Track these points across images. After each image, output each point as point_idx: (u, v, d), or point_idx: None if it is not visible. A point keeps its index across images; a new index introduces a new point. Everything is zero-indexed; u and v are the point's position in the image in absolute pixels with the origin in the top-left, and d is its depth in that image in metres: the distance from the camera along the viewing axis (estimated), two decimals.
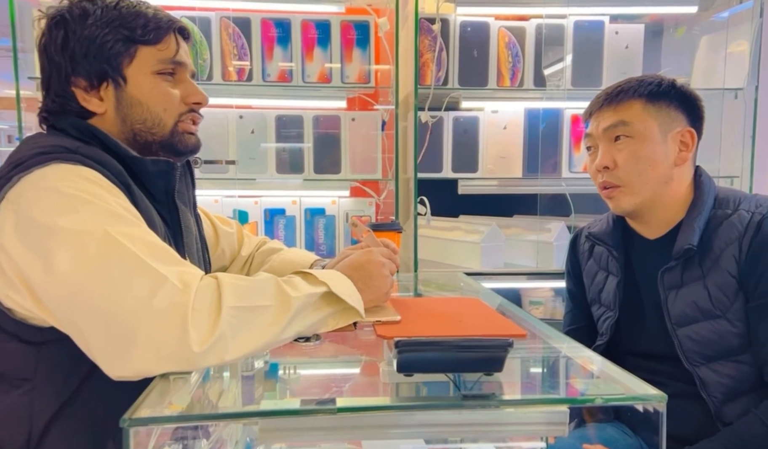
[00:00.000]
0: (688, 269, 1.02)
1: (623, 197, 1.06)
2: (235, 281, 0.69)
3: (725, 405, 0.97)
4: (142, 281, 0.65)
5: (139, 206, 0.79)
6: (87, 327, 0.65)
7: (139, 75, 0.86)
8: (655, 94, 1.04)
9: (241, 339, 0.66)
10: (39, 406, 0.76)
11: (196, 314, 0.64)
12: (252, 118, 1.91)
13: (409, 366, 0.65)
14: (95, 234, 0.68)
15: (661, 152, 1.03)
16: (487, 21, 1.94)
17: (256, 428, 0.61)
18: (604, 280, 1.17)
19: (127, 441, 0.54)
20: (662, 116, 1.04)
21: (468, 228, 1.95)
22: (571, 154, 2.01)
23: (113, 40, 0.84)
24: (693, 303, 1.00)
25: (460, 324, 0.84)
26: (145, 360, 0.63)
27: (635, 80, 1.07)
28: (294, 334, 0.72)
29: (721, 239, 1.00)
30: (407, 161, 1.97)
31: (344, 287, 0.78)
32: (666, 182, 1.05)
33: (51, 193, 0.71)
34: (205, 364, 0.65)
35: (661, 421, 0.59)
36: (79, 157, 0.76)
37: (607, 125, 1.06)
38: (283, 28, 1.87)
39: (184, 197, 0.97)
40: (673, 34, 2.13)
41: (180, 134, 0.91)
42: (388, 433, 0.64)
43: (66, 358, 0.74)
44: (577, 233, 1.29)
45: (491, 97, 2.02)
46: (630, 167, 1.04)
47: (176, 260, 0.71)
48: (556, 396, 0.66)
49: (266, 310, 0.69)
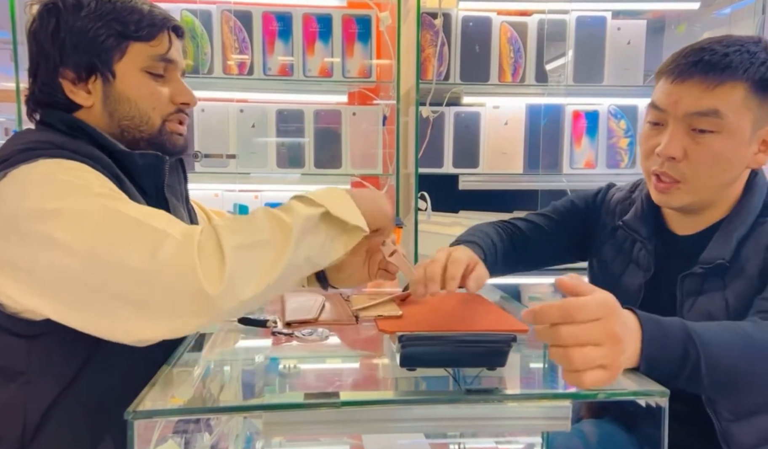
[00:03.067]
0: (711, 277, 0.87)
1: (680, 194, 0.87)
2: (230, 224, 0.69)
3: (734, 425, 0.85)
4: (145, 240, 0.66)
5: (130, 198, 0.78)
6: (102, 296, 0.65)
7: (129, 71, 0.85)
8: (765, 83, 0.81)
9: (253, 275, 0.66)
10: (33, 399, 0.76)
11: (203, 259, 0.64)
12: (253, 112, 1.91)
13: (412, 360, 0.66)
14: (92, 208, 0.68)
15: (743, 153, 0.84)
16: (489, 16, 1.93)
17: (259, 422, 0.61)
18: (622, 269, 1.00)
19: (132, 434, 0.54)
20: (761, 111, 0.82)
21: (468, 224, 1.95)
22: (572, 150, 2.01)
23: (105, 35, 0.83)
24: (708, 314, 0.86)
25: (462, 319, 0.84)
26: (166, 315, 0.64)
27: (746, 50, 0.81)
28: (304, 259, 0.70)
29: (749, 249, 0.85)
30: (408, 156, 1.97)
31: (343, 205, 0.74)
32: (729, 185, 0.87)
33: (41, 182, 0.71)
34: (226, 307, 0.65)
35: (663, 417, 0.60)
36: (67, 152, 0.76)
37: (694, 109, 0.82)
38: (284, 21, 1.86)
39: (176, 191, 0.96)
40: (675, 31, 2.12)
41: (168, 133, 0.90)
42: (391, 427, 0.65)
43: (60, 351, 0.74)
44: (609, 191, 1.10)
45: (493, 93, 2.01)
46: (702, 167, 0.84)
47: (174, 220, 0.71)
48: (558, 391, 0.66)
49: (267, 243, 0.68)
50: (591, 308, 0.57)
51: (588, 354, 0.56)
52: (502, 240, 1.10)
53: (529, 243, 1.12)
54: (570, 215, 1.13)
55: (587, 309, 0.57)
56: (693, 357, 0.65)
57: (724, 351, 0.67)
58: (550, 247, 1.14)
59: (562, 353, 0.57)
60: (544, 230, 1.13)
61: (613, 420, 1.07)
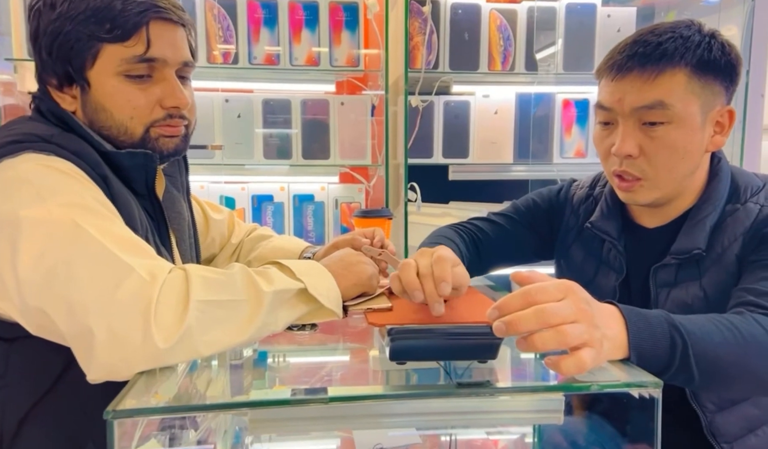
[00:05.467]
0: (685, 267, 0.86)
1: (643, 191, 0.86)
2: (205, 274, 0.66)
3: (719, 416, 0.85)
4: (108, 272, 0.62)
5: (117, 200, 0.75)
6: (59, 323, 0.62)
7: (102, 77, 0.77)
8: (704, 64, 0.80)
9: (211, 335, 0.62)
10: (12, 403, 0.73)
11: (160, 307, 0.61)
12: (238, 102, 1.87)
13: (402, 354, 0.64)
14: (62, 224, 0.64)
15: (698, 139, 0.82)
16: (479, 3, 1.91)
17: (246, 418, 0.59)
18: (594, 271, 0.99)
19: (111, 435, 0.52)
20: (706, 94, 0.81)
21: (458, 215, 1.94)
22: (563, 139, 2.00)
23: (75, 38, 0.75)
24: (684, 305, 0.85)
25: (453, 311, 0.83)
26: (110, 356, 0.60)
27: (679, 36, 0.80)
28: (271, 326, 0.68)
29: (724, 236, 0.84)
30: (397, 147, 1.95)
31: (322, 284, 0.73)
32: (692, 173, 0.86)
33: (18, 183, 0.67)
34: (175, 361, 0.62)
35: (657, 408, 0.59)
36: (54, 147, 0.72)
37: (639, 104, 0.81)
38: (269, 9, 1.83)
39: (176, 182, 0.93)
40: (665, 18, 2.12)
41: (153, 140, 0.81)
42: (380, 422, 0.63)
43: (39, 355, 0.71)
44: (571, 188, 1.08)
45: (482, 82, 2.00)
46: (661, 160, 0.83)
47: (147, 253, 0.68)
48: (551, 384, 0.65)
49: (237, 305, 0.65)
50: (550, 291, 0.58)
51: (564, 331, 0.56)
52: (466, 245, 1.06)
53: (492, 245, 1.09)
54: (532, 215, 1.10)
55: (547, 292, 0.58)
56: (680, 346, 0.65)
57: (710, 341, 0.67)
58: (514, 248, 1.11)
59: (537, 338, 0.56)
60: (507, 229, 1.10)
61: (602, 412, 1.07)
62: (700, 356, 0.66)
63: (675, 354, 0.65)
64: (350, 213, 1.96)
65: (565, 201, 1.08)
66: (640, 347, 0.64)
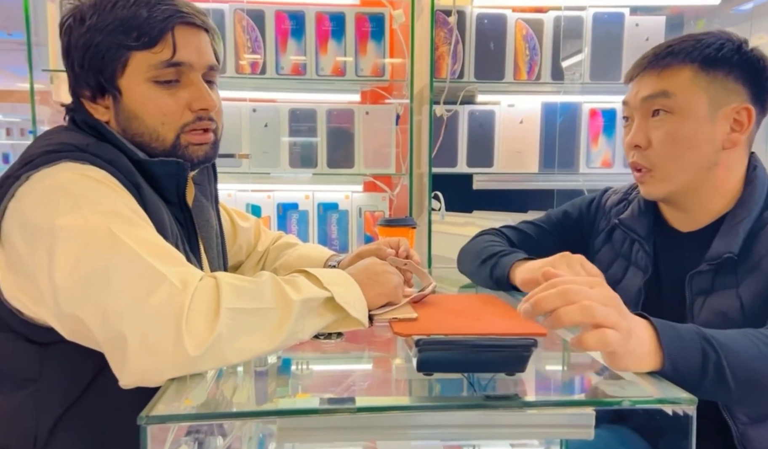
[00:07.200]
0: (721, 274, 0.85)
1: (654, 183, 0.90)
2: (235, 282, 0.67)
3: (751, 428, 0.83)
4: (141, 280, 0.63)
5: (149, 208, 0.77)
6: (93, 328, 0.64)
7: (133, 85, 0.79)
8: (711, 61, 0.85)
9: (241, 342, 0.63)
10: (45, 408, 0.75)
11: (192, 314, 0.62)
12: (265, 111, 1.90)
13: (429, 365, 0.64)
14: (97, 232, 0.66)
15: (705, 132, 0.86)
16: (505, 13, 1.91)
17: (274, 426, 0.60)
18: (623, 272, 1.00)
19: (145, 440, 0.53)
20: (715, 89, 0.85)
21: (482, 224, 1.93)
22: (589, 149, 1.98)
23: (105, 48, 0.77)
24: (721, 314, 0.84)
25: (479, 322, 0.82)
26: (143, 363, 0.61)
27: (692, 39, 0.87)
28: (299, 335, 0.69)
29: (762, 244, 0.83)
30: (421, 156, 1.95)
31: (349, 294, 0.74)
32: (708, 168, 0.87)
33: (56, 192, 0.70)
34: (204, 368, 0.63)
35: (691, 425, 0.57)
36: (89, 156, 0.74)
37: (646, 93, 0.88)
38: (297, 20, 1.85)
39: (205, 190, 0.95)
40: (694, 27, 2.08)
41: (183, 147, 0.83)
42: (406, 433, 0.63)
43: (72, 359, 0.73)
44: (605, 195, 1.10)
45: (507, 91, 1.99)
46: (664, 150, 0.87)
47: (178, 261, 0.69)
48: (581, 398, 0.64)
49: (267, 313, 0.66)
50: (579, 283, 0.62)
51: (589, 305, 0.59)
52: None
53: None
54: (562, 225, 1.13)
55: (576, 280, 0.63)
56: (713, 357, 0.65)
57: (746, 354, 0.66)
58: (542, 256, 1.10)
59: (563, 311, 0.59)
60: (533, 238, 1.13)
61: (632, 427, 1.05)
62: (735, 368, 0.65)
63: (708, 365, 0.65)
64: (374, 222, 1.97)
65: (597, 209, 1.10)
66: (673, 356, 0.63)
